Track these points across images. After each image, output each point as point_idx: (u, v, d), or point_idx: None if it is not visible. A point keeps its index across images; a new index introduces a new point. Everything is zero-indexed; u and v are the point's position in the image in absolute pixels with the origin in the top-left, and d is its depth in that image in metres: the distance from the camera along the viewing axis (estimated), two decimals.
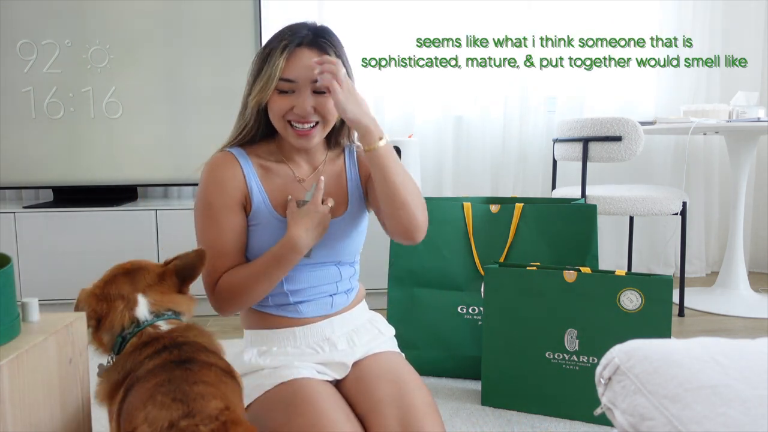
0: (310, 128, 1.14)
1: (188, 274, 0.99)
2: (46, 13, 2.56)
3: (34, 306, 0.87)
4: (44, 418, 0.77)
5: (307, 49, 1.12)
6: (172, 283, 0.97)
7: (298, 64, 1.11)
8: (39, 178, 2.64)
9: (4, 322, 0.74)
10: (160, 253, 2.54)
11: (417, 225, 1.15)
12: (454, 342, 1.92)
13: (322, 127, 1.15)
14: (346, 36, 3.11)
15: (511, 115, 3.20)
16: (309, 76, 1.10)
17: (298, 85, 1.11)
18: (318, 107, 1.13)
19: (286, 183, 1.20)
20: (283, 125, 1.14)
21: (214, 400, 0.76)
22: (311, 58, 1.11)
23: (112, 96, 2.63)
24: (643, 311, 1.56)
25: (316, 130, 1.15)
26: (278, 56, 1.10)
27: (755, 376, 0.65)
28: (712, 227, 3.43)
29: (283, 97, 1.12)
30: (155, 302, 0.93)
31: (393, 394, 1.08)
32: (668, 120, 2.62)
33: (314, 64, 1.08)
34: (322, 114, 1.14)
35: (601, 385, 0.77)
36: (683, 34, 3.21)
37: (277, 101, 1.13)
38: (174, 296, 0.97)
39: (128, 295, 0.92)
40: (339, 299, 1.24)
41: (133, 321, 0.90)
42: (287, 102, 1.12)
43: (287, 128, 1.14)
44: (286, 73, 1.11)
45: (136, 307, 0.91)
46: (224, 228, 1.14)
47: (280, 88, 1.12)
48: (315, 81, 1.10)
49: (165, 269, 0.97)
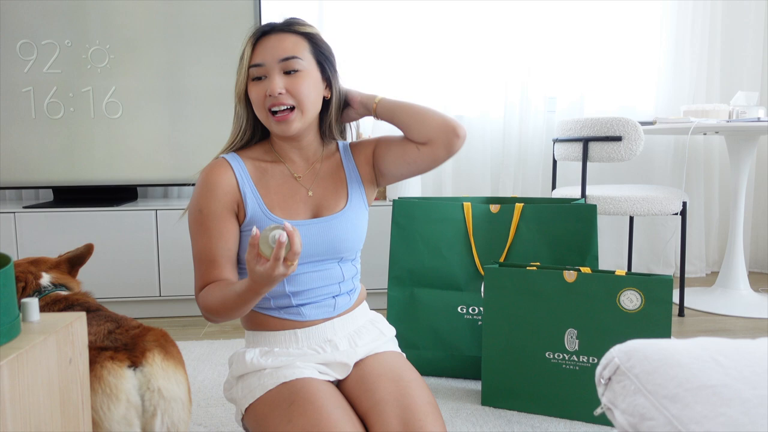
0: (287, 111, 1.15)
1: (77, 262, 1.38)
2: (46, 13, 2.56)
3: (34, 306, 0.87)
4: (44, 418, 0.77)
5: (274, 34, 1.17)
6: (65, 268, 1.35)
7: (264, 47, 1.15)
8: (39, 178, 2.64)
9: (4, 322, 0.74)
10: (160, 253, 2.54)
11: (450, 120, 1.20)
12: (454, 342, 1.92)
13: (300, 112, 1.16)
14: (346, 36, 3.15)
15: (511, 115, 3.20)
16: (275, 57, 1.14)
17: (267, 68, 1.14)
18: (289, 88, 1.14)
19: (283, 182, 1.21)
20: (265, 115, 1.17)
21: (133, 320, 1.09)
22: (278, 40, 1.15)
23: (112, 96, 2.63)
24: (643, 311, 1.56)
25: (294, 115, 1.15)
26: (247, 46, 1.17)
27: (755, 376, 0.65)
28: (712, 227, 3.43)
29: (257, 84, 1.16)
30: (54, 278, 1.29)
31: (394, 393, 1.08)
32: (668, 120, 2.62)
33: None
34: (295, 95, 1.14)
35: (601, 385, 0.77)
36: (683, 34, 3.22)
37: (253, 90, 1.16)
38: (66, 277, 1.33)
39: (35, 272, 1.28)
40: (342, 300, 1.24)
41: (38, 288, 1.26)
42: (261, 88, 1.15)
43: (269, 117, 1.16)
44: (254, 59, 1.15)
45: (41, 280, 1.28)
46: (214, 235, 1.15)
47: (252, 75, 1.16)
48: (282, 60, 1.13)
49: (59, 259, 1.36)
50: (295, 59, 1.14)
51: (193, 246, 1.18)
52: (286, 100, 1.14)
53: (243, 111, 1.21)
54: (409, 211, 1.95)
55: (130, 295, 2.55)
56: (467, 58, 3.15)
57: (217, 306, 1.11)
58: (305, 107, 1.16)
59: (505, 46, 3.15)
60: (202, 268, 1.16)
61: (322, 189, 1.23)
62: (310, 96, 1.16)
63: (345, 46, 3.01)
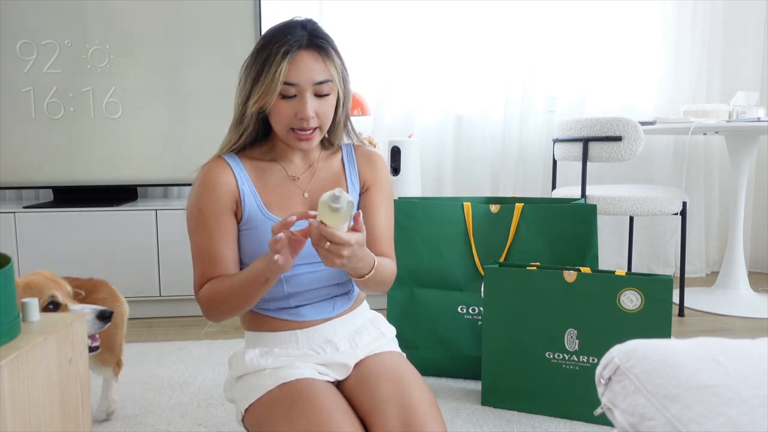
0: (311, 132, 1.15)
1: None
2: (46, 13, 2.56)
3: (34, 306, 0.87)
4: (44, 418, 0.77)
5: (306, 51, 1.12)
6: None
7: (299, 66, 1.11)
8: (39, 178, 2.64)
9: (4, 322, 0.74)
10: (160, 253, 2.54)
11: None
12: (454, 342, 1.92)
13: (320, 131, 1.17)
14: (347, 36, 3.15)
15: (511, 115, 3.20)
16: (310, 79, 1.11)
17: (300, 88, 1.12)
18: (319, 111, 1.13)
19: (280, 182, 1.21)
20: (286, 131, 1.15)
21: None
22: (314, 60, 1.12)
23: (112, 96, 2.63)
24: (643, 311, 1.56)
25: (315, 133, 1.16)
26: (280, 60, 1.10)
27: (755, 376, 0.65)
28: (712, 227, 3.44)
29: (286, 102, 1.12)
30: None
31: (395, 393, 1.08)
32: (668, 120, 2.62)
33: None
34: (321, 118, 1.15)
35: (601, 385, 0.77)
36: (683, 34, 3.22)
37: (282, 107, 1.12)
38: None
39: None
40: (340, 301, 1.24)
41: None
42: (290, 107, 1.12)
43: (290, 133, 1.15)
44: (289, 77, 1.10)
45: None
46: (214, 233, 1.15)
47: (284, 92, 1.11)
48: (316, 83, 1.11)
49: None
50: (329, 83, 1.13)
51: (192, 244, 1.18)
52: (313, 123, 1.14)
53: (252, 120, 1.18)
54: (409, 211, 1.95)
55: (130, 295, 2.55)
56: (468, 58, 3.15)
57: (220, 298, 1.11)
58: (326, 127, 1.18)
59: (506, 46, 3.15)
60: (203, 266, 1.15)
61: (320, 191, 1.23)
62: (331, 117, 1.17)
63: (345, 45, 3.00)
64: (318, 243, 0.96)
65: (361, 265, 1.06)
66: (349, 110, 1.25)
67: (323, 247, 0.96)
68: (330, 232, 0.94)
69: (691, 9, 3.20)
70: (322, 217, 0.94)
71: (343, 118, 1.23)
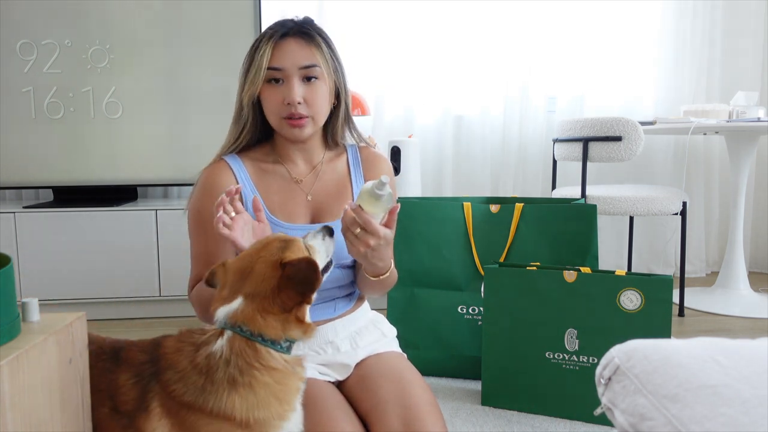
0: (302, 119, 1.15)
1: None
2: (46, 13, 2.56)
3: (34, 306, 0.87)
4: (44, 418, 0.77)
5: (293, 38, 1.14)
6: None
7: (285, 51, 1.13)
8: (39, 178, 2.64)
9: (4, 322, 0.74)
10: (160, 253, 2.54)
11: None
12: (454, 342, 1.92)
13: (312, 121, 1.17)
14: (347, 36, 3.15)
15: (511, 115, 3.19)
16: (295, 63, 1.12)
17: (286, 72, 1.13)
18: (307, 98, 1.13)
19: (283, 184, 1.21)
20: (278, 119, 1.16)
21: None
22: (298, 46, 1.13)
23: (112, 96, 2.63)
24: (643, 311, 1.56)
25: (307, 121, 1.16)
26: (265, 46, 1.13)
27: (755, 376, 0.65)
28: (712, 227, 3.43)
29: (273, 89, 1.14)
30: None
31: (395, 393, 1.08)
32: (668, 120, 2.62)
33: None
34: (311, 106, 1.14)
35: (601, 385, 0.77)
36: (683, 34, 3.22)
37: (270, 94, 1.14)
38: None
39: None
40: (342, 303, 1.24)
41: None
42: (278, 93, 1.13)
43: (282, 121, 1.15)
44: (273, 62, 1.12)
45: None
46: (211, 236, 1.14)
47: (269, 77, 1.13)
48: (302, 68, 1.12)
49: None
50: (315, 67, 1.13)
51: (191, 246, 1.18)
52: (302, 111, 1.14)
53: (249, 113, 1.19)
54: (409, 211, 1.94)
55: (130, 295, 2.55)
56: (468, 58, 3.15)
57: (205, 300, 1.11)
58: (318, 119, 1.17)
59: (506, 46, 3.15)
60: (198, 268, 1.16)
61: (324, 194, 1.22)
62: (323, 107, 1.17)
63: (345, 45, 3.00)
64: (349, 227, 0.98)
65: (382, 264, 1.06)
66: (349, 107, 1.25)
67: (353, 231, 0.97)
68: (366, 218, 0.96)
69: (691, 9, 3.19)
70: (361, 202, 0.97)
71: (342, 114, 1.23)
